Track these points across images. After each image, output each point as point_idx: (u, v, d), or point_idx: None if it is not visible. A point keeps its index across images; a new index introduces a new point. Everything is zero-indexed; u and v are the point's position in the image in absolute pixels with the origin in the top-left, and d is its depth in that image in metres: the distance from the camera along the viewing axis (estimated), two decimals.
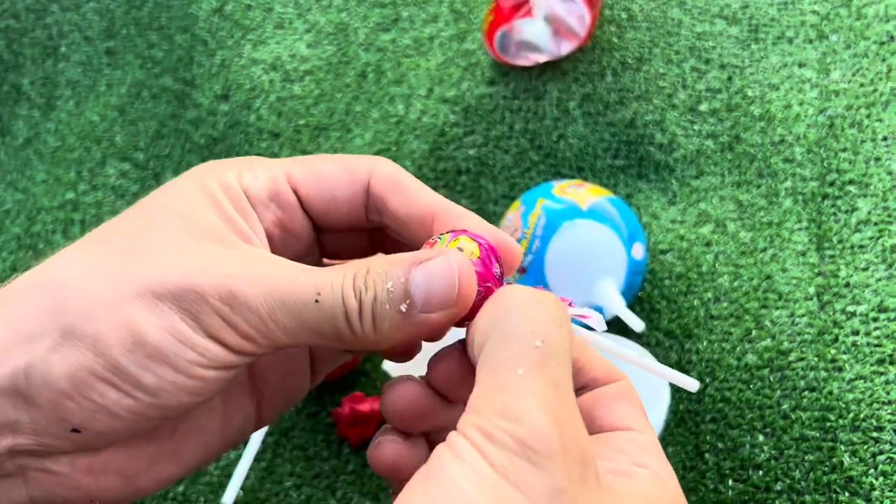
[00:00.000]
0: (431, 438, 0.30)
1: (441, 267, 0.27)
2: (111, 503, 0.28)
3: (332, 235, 0.33)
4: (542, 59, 0.57)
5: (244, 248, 0.28)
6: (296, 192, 0.31)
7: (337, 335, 0.27)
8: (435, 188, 0.56)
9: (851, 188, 0.51)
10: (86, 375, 0.25)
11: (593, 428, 0.28)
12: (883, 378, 0.46)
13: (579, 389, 0.29)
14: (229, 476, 0.49)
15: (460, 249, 0.28)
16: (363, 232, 0.33)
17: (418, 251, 0.28)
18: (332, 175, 0.31)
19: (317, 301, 0.26)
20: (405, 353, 0.31)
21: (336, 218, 0.31)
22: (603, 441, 0.28)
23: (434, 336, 0.29)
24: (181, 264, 0.27)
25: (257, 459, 0.51)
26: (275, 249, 0.31)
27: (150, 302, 0.26)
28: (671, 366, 0.49)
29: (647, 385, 0.46)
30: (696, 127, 0.55)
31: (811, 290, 0.49)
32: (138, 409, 0.26)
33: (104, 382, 0.26)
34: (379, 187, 0.30)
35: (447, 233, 0.29)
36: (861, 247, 0.50)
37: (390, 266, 0.27)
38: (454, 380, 0.28)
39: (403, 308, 0.27)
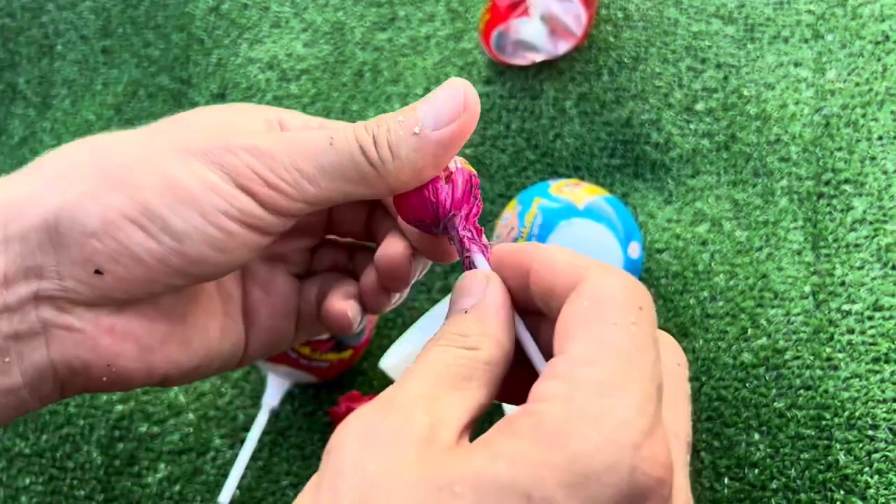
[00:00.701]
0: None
1: (443, 88, 0.29)
2: (125, 376, 0.30)
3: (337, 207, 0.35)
4: (538, 58, 0.57)
5: (271, 124, 0.31)
6: None
7: (359, 174, 0.28)
8: None
9: (847, 187, 0.51)
10: (116, 216, 0.27)
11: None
12: (878, 376, 0.46)
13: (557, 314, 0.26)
14: (226, 475, 0.49)
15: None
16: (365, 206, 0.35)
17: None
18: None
19: (331, 144, 0.28)
20: (382, 305, 0.34)
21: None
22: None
23: (446, 156, 0.29)
24: (211, 132, 0.29)
25: (254, 458, 0.51)
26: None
27: (184, 156, 0.28)
28: None
29: None
30: (692, 126, 0.55)
31: (807, 288, 0.49)
32: (161, 254, 0.28)
33: (133, 224, 0.27)
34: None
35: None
36: (856, 246, 0.50)
37: (398, 111, 0.29)
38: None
39: (417, 129, 0.28)
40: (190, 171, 0.28)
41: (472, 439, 0.23)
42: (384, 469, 0.21)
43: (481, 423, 0.24)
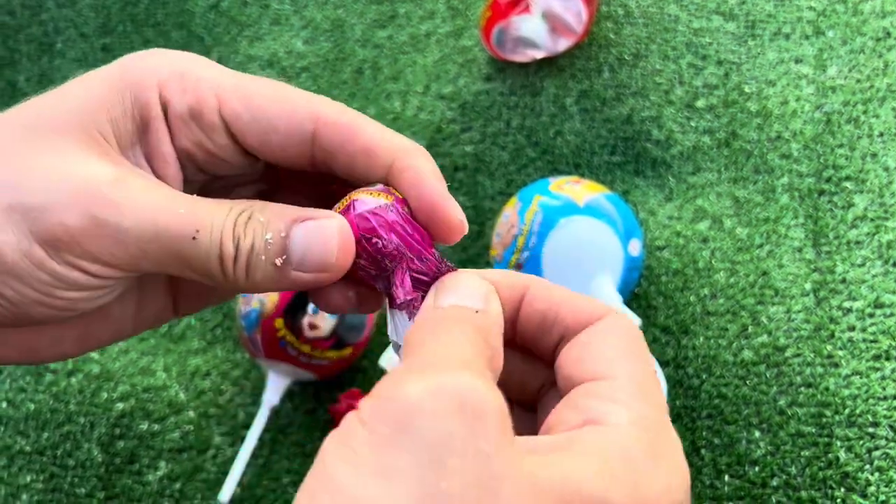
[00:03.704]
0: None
1: (322, 230, 0.26)
2: (5, 364, 0.29)
3: (287, 174, 0.31)
4: (538, 55, 0.57)
5: (128, 169, 0.27)
6: (227, 122, 0.28)
7: (207, 274, 0.26)
8: None
9: (848, 184, 0.51)
10: None
11: (567, 387, 0.25)
12: (879, 374, 0.46)
13: (557, 343, 0.27)
14: (226, 473, 0.49)
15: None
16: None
17: (305, 209, 0.27)
18: (269, 118, 0.28)
19: (194, 238, 0.25)
20: (336, 308, 0.30)
21: (272, 157, 0.29)
22: (565, 402, 0.25)
23: (302, 289, 0.27)
24: (52, 178, 0.25)
25: (254, 456, 0.51)
26: (198, 168, 0.29)
27: (13, 219, 0.25)
28: (668, 362, 0.49)
29: None
30: (692, 123, 0.55)
31: (807, 286, 0.49)
32: (4, 314, 0.26)
33: None
34: (327, 138, 0.28)
35: (372, 186, 0.27)
36: (857, 243, 0.50)
37: (273, 217, 0.26)
38: None
39: (279, 262, 0.26)
40: (14, 241, 0.25)
41: None
42: (502, 456, 0.20)
43: None
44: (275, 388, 0.50)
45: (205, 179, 0.30)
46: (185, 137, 0.28)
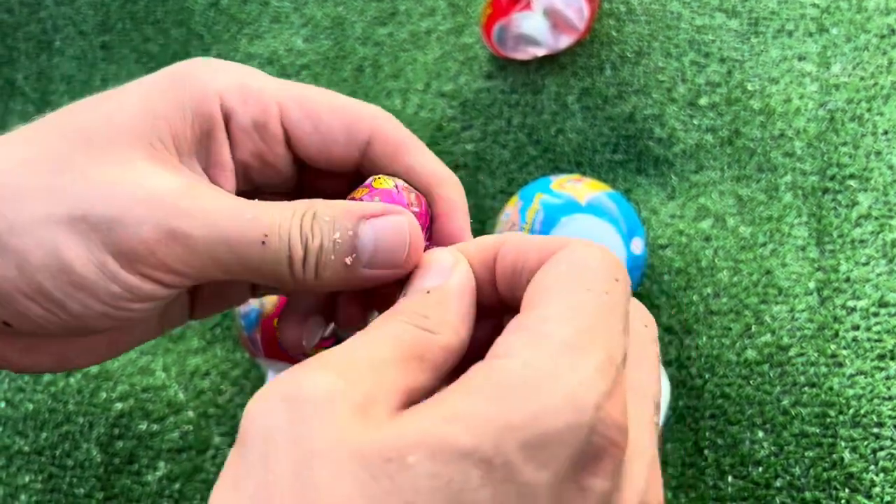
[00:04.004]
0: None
1: (392, 226, 0.26)
2: (40, 373, 0.29)
3: (313, 172, 0.32)
4: (540, 52, 0.57)
5: (192, 178, 0.27)
6: (287, 131, 0.29)
7: (276, 277, 0.26)
8: None
9: (852, 182, 0.51)
10: (11, 289, 0.25)
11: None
12: (883, 374, 0.46)
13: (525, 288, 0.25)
14: None
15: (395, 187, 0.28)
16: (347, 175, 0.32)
17: (365, 203, 0.27)
18: (330, 129, 0.29)
19: (263, 243, 0.26)
20: (356, 321, 0.30)
21: (325, 165, 0.30)
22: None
23: (371, 286, 0.27)
24: (119, 189, 0.25)
25: None
26: (249, 178, 0.30)
27: (81, 230, 0.25)
28: (671, 362, 0.49)
29: None
30: (695, 121, 0.55)
31: (811, 285, 0.49)
32: (63, 324, 0.26)
33: (28, 299, 0.25)
34: (379, 150, 0.29)
35: (385, 177, 0.29)
36: (861, 241, 0.49)
37: (339, 215, 0.26)
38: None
39: (349, 261, 0.26)
40: (85, 253, 0.25)
41: None
42: (320, 434, 0.20)
43: None
44: None
45: (250, 189, 0.31)
46: (245, 148, 0.29)
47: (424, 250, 0.28)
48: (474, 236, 0.32)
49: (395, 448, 0.19)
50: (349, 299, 0.31)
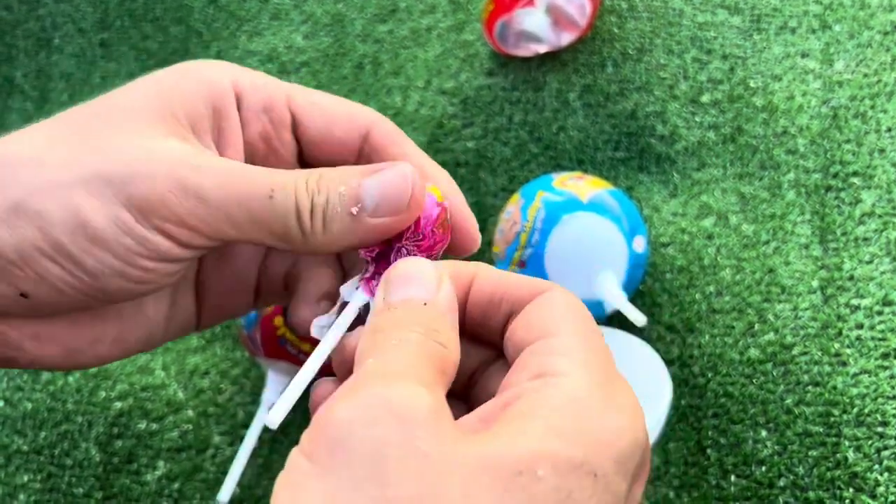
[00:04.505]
0: None
1: (394, 175, 0.28)
2: (53, 368, 0.30)
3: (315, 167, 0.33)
4: (541, 49, 0.56)
5: (201, 147, 0.29)
6: (295, 117, 0.31)
7: (285, 234, 0.27)
8: None
9: (855, 180, 0.51)
10: (31, 250, 0.26)
11: (516, 353, 0.26)
12: (888, 372, 0.45)
13: (506, 320, 0.27)
14: (225, 473, 0.49)
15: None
16: None
17: (371, 164, 0.29)
18: (334, 114, 0.31)
19: (271, 197, 0.27)
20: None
21: (327, 153, 0.31)
22: (516, 365, 0.25)
23: (374, 240, 0.28)
24: (134, 150, 0.27)
25: (254, 456, 0.50)
26: (254, 160, 0.31)
27: (98, 187, 0.26)
28: (673, 361, 0.49)
29: (649, 380, 0.45)
30: (697, 118, 0.54)
31: (814, 283, 0.48)
32: (80, 287, 0.27)
33: (48, 259, 0.26)
34: (378, 139, 0.31)
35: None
36: (865, 239, 0.49)
37: (344, 173, 0.28)
38: None
39: (354, 211, 0.27)
40: (101, 207, 0.26)
41: None
42: (442, 451, 0.20)
43: None
44: (274, 386, 0.49)
45: None
46: (254, 129, 0.30)
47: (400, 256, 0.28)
48: None
49: (524, 461, 0.20)
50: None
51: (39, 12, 0.69)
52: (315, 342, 0.47)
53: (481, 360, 0.29)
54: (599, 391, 0.23)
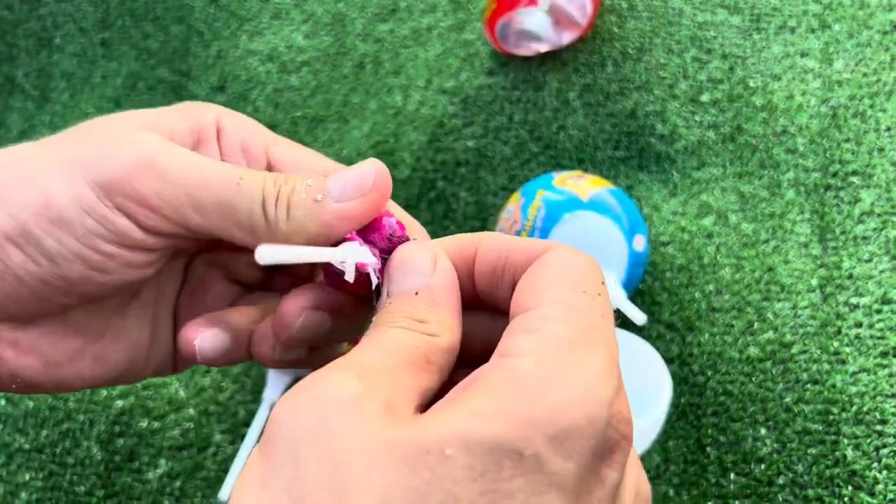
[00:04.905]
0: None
1: (357, 167, 0.28)
2: (32, 386, 0.29)
3: None
4: (542, 48, 0.56)
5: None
6: (268, 162, 0.31)
7: (250, 222, 0.27)
8: (433, 180, 0.56)
9: (854, 179, 0.51)
10: None
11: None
12: (886, 371, 0.46)
13: (512, 289, 0.26)
14: (226, 471, 0.49)
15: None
16: None
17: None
18: (309, 170, 0.31)
19: (238, 184, 0.27)
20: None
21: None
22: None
23: (341, 228, 0.28)
24: (108, 138, 0.27)
25: None
26: None
27: (66, 169, 0.26)
28: (673, 359, 0.49)
29: (648, 378, 0.45)
30: (697, 118, 0.55)
31: (814, 282, 0.49)
32: (41, 275, 0.27)
33: (12, 244, 0.26)
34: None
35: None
36: (864, 238, 0.49)
37: (310, 172, 0.29)
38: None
39: (319, 197, 0.27)
40: (66, 188, 0.26)
41: None
42: (353, 433, 0.20)
43: None
44: (275, 385, 0.49)
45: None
46: (229, 154, 0.31)
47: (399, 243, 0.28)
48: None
49: (433, 441, 0.20)
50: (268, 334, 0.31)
51: (41, 12, 0.69)
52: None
53: (503, 329, 0.28)
54: (550, 368, 0.22)
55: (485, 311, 0.28)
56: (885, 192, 0.50)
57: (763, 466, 0.45)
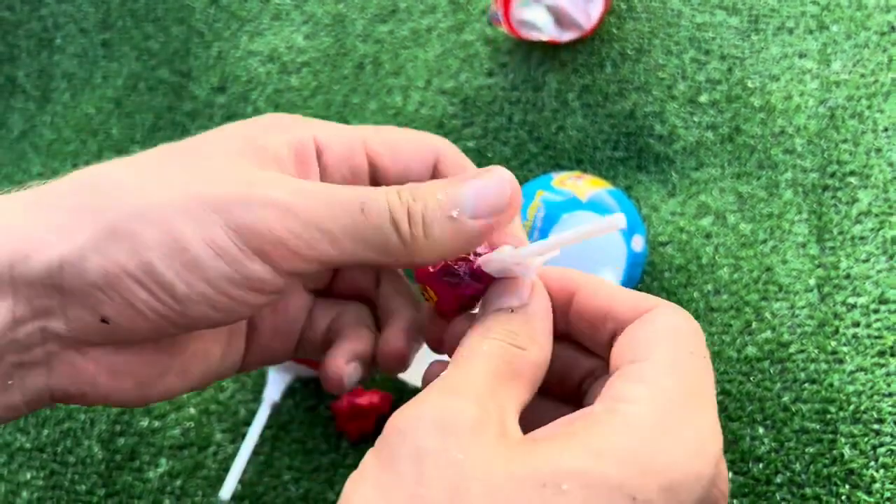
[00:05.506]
0: None
1: (491, 178, 0.28)
2: (120, 404, 0.30)
3: None
4: (543, 37, 0.56)
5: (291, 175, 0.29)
6: (371, 161, 0.31)
7: (384, 244, 0.27)
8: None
9: (852, 179, 0.51)
10: (119, 271, 0.26)
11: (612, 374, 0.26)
12: (884, 370, 0.46)
13: (611, 337, 0.28)
14: (227, 470, 0.49)
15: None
16: None
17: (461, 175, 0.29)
18: (407, 151, 0.31)
19: (362, 210, 0.26)
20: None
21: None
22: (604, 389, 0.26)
23: (476, 244, 0.29)
24: (233, 175, 0.27)
25: (255, 453, 0.51)
26: None
27: (194, 209, 0.26)
28: None
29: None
30: (695, 118, 0.55)
31: (811, 281, 0.49)
32: (164, 313, 0.26)
33: (136, 282, 0.26)
34: (445, 169, 0.31)
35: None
36: (862, 238, 0.49)
37: (435, 183, 0.28)
38: None
39: (454, 213, 0.27)
40: (198, 231, 0.25)
41: None
42: (473, 459, 0.22)
43: None
44: (276, 384, 0.50)
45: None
46: (334, 180, 0.31)
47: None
48: None
49: (549, 475, 0.21)
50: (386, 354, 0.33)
51: (41, 12, 0.69)
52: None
53: (591, 367, 0.30)
54: (665, 420, 0.23)
55: (569, 342, 0.29)
56: (883, 193, 0.50)
57: (761, 465, 0.45)
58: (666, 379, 0.24)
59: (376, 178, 0.32)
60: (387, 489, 0.22)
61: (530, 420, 0.25)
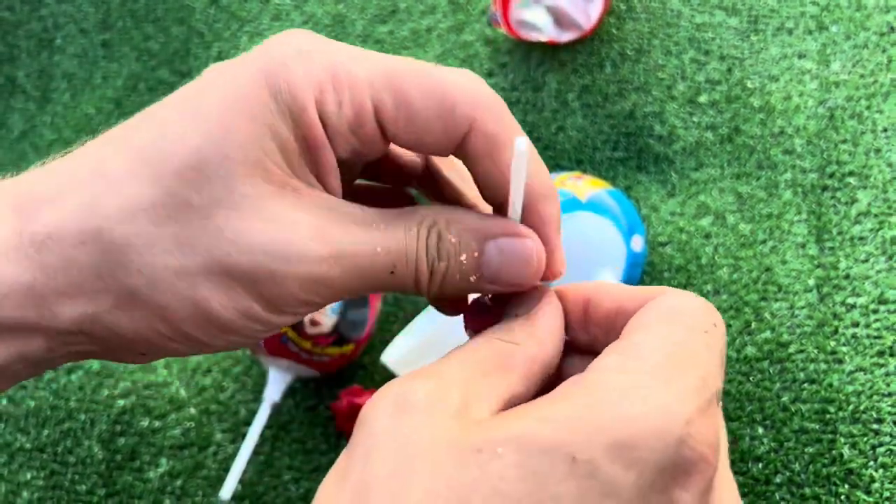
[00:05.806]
0: None
1: (518, 249, 0.27)
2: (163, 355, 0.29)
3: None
4: (542, 38, 0.56)
5: (312, 204, 0.26)
6: (381, 127, 0.27)
7: (401, 288, 0.28)
8: None
9: (851, 180, 0.51)
10: (150, 332, 0.26)
11: None
12: (883, 370, 0.46)
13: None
14: (227, 470, 0.49)
15: None
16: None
17: (495, 221, 0.27)
18: (426, 120, 0.26)
19: (392, 273, 0.26)
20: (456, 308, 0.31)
21: (421, 151, 0.29)
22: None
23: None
24: (255, 238, 0.25)
25: (255, 453, 0.51)
26: (346, 169, 0.29)
27: (222, 281, 0.25)
28: None
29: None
30: (695, 119, 0.55)
31: (811, 282, 0.49)
32: (193, 352, 0.28)
33: (174, 342, 0.26)
34: (474, 150, 0.27)
35: None
36: (861, 238, 0.49)
37: (464, 234, 0.26)
38: None
39: (472, 279, 0.27)
40: (230, 303, 0.25)
41: None
42: (420, 433, 0.21)
43: None
44: (276, 384, 0.50)
45: (346, 173, 0.30)
46: (343, 150, 0.28)
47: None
48: None
49: (487, 441, 0.21)
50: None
51: (41, 13, 0.69)
52: (316, 339, 0.47)
53: None
54: (630, 384, 0.21)
55: (594, 355, 0.28)
56: (882, 193, 0.50)
57: (760, 465, 0.45)
58: (647, 350, 0.23)
59: (387, 138, 0.28)
60: (342, 476, 0.22)
61: None
